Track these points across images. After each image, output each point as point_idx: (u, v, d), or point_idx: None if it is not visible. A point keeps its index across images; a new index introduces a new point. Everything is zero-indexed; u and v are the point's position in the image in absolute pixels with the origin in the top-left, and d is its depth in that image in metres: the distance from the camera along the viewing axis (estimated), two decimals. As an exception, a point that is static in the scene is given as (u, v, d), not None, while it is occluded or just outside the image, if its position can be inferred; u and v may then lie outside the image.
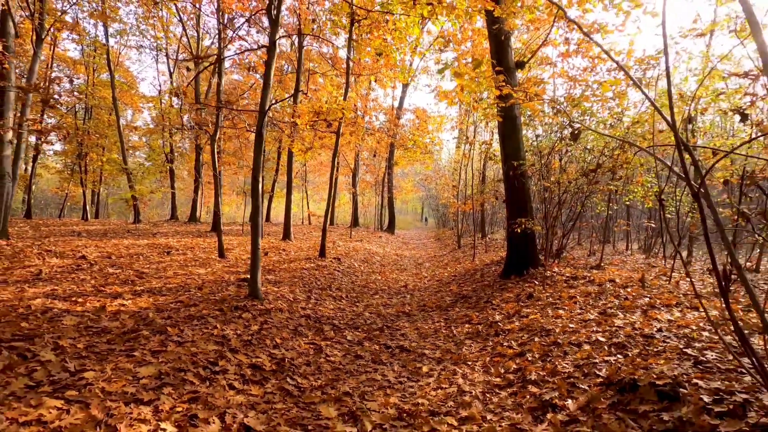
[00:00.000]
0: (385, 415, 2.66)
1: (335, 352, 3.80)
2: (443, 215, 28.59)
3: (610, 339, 3.48)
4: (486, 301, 5.74)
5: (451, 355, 3.89)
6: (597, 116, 7.59)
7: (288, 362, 3.36)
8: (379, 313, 5.53)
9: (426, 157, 19.23)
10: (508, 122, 6.83)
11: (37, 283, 4.93)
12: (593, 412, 2.46)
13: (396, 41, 9.45)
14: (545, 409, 2.63)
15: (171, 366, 2.78)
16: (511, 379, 3.18)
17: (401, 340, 4.37)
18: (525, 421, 2.52)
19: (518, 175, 6.65)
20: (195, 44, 19.55)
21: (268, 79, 4.69)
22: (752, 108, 4.12)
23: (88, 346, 2.92)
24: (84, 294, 4.49)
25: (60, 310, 3.77)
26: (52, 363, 2.53)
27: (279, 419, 2.49)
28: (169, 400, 2.39)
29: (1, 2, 8.01)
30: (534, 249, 7.02)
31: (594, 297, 4.91)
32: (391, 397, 2.93)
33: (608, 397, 2.58)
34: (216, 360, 3.05)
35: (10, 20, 8.38)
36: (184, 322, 3.70)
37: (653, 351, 3.07)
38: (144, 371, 2.62)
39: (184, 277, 5.88)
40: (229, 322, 3.86)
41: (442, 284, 7.82)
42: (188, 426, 2.21)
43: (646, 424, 2.21)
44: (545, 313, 4.59)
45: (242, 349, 3.37)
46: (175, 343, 3.17)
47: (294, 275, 6.66)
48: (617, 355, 3.16)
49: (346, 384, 3.14)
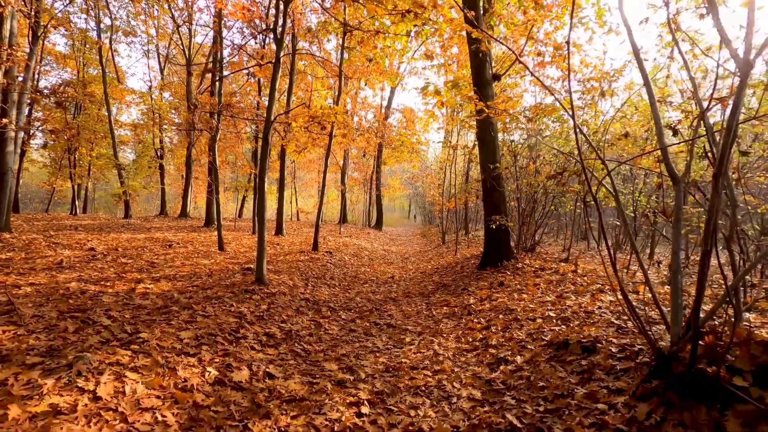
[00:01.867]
0: (375, 369, 3.39)
1: (333, 327, 4.51)
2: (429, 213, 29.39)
3: (560, 315, 4.27)
4: (463, 288, 6.51)
5: (430, 329, 4.64)
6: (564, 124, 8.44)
7: (294, 333, 4.06)
8: (368, 298, 6.25)
9: (413, 157, 19.99)
10: (484, 129, 7.60)
11: (62, 270, 5.51)
12: (534, 364, 3.23)
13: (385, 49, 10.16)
14: (500, 363, 3.39)
15: (203, 332, 3.46)
16: (476, 345, 3.94)
17: (388, 319, 5.10)
18: (483, 372, 3.28)
19: (493, 177, 7.43)
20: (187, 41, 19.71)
21: (273, 92, 5.35)
22: (684, 122, 4.94)
23: (133, 317, 3.57)
24: (109, 279, 5.10)
25: (95, 291, 4.39)
26: (112, 327, 3.19)
27: (293, 370, 3.20)
28: (208, 354, 3.08)
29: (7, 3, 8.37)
30: (508, 243, 7.81)
31: (555, 284, 5.71)
32: (380, 358, 3.67)
33: (547, 353, 3.35)
34: (237, 329, 3.73)
35: (14, 22, 8.78)
36: (205, 301, 4.37)
37: (589, 322, 3.86)
38: (184, 334, 3.30)
39: (191, 266, 6.50)
40: (242, 302, 4.54)
41: (425, 275, 8.58)
42: (225, 371, 2.90)
43: (570, 368, 2.99)
44: (512, 297, 5.37)
45: (256, 322, 4.05)
46: (202, 317, 3.84)
47: (291, 266, 7.34)
48: (562, 325, 3.94)
49: (343, 349, 3.86)
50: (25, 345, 2.69)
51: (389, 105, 24.12)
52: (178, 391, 2.48)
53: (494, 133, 7.66)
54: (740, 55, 2.19)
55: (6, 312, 3.33)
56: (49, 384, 2.23)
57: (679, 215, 2.72)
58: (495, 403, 2.73)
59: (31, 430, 1.88)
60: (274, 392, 2.77)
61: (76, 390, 2.25)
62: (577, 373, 2.91)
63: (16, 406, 2.00)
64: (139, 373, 2.58)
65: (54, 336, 2.91)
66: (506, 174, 8.62)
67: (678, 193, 2.79)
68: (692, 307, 2.30)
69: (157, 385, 2.49)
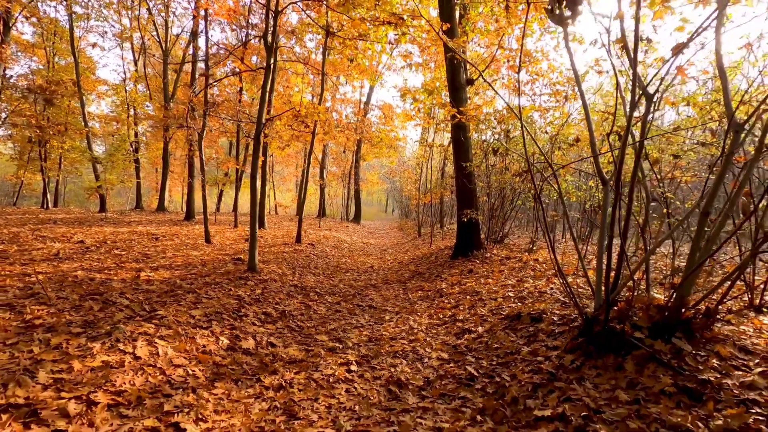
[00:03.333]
0: (360, 339, 3.99)
1: (320, 308, 5.08)
2: (406, 207, 30.10)
3: (517, 294, 4.99)
4: (436, 275, 7.19)
5: (406, 309, 5.28)
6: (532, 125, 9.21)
7: (288, 312, 4.61)
8: (351, 285, 6.84)
9: (391, 152, 20.57)
10: (458, 131, 8.27)
11: (63, 261, 5.83)
12: (492, 332, 3.91)
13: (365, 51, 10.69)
14: (464, 333, 4.06)
15: (210, 310, 3.97)
16: (446, 320, 4.60)
17: (369, 302, 5.71)
18: (450, 340, 3.93)
19: (465, 175, 8.12)
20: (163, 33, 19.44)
21: (264, 95, 5.82)
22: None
23: (146, 299, 4.04)
24: (110, 268, 5.48)
25: (102, 278, 4.80)
26: (132, 305, 3.66)
27: (290, 341, 3.76)
28: (218, 328, 3.61)
29: None
30: (478, 235, 8.54)
31: (517, 270, 6.45)
32: (364, 332, 4.27)
33: (503, 324, 4.04)
34: (239, 309, 4.26)
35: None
36: (205, 286, 4.85)
37: (541, 300, 4.58)
38: (195, 312, 3.80)
39: (183, 257, 6.90)
40: (239, 287, 5.05)
41: (402, 265, 9.24)
42: (235, 341, 3.45)
43: (520, 333, 3.68)
44: (479, 282, 6.07)
45: (254, 304, 4.58)
46: (206, 299, 4.34)
47: (278, 256, 7.83)
48: (518, 302, 4.65)
49: (331, 325, 4.45)
50: (64, 319, 3.14)
51: (368, 101, 24.60)
52: (200, 354, 3.01)
53: (467, 135, 8.34)
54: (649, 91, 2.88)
55: (31, 295, 3.74)
56: (97, 347, 2.73)
57: (605, 211, 3.43)
58: (458, 361, 3.38)
59: (95, 378, 2.39)
60: (277, 356, 3.33)
61: (119, 351, 2.75)
62: (525, 337, 3.60)
63: (77, 361, 2.50)
64: (165, 340, 3.09)
65: (83, 313, 3.37)
66: (477, 172, 9.34)
67: (606, 193, 3.50)
68: (604, 282, 3.01)
69: (182, 349, 3.02)
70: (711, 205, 2.82)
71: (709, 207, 2.81)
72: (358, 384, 2.97)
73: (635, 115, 3.13)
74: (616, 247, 3.28)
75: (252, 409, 2.49)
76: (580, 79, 3.64)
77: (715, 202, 2.92)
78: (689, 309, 2.89)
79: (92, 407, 2.14)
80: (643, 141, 3.02)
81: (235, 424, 2.30)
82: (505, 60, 10.14)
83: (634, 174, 3.10)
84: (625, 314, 3.06)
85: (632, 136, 3.50)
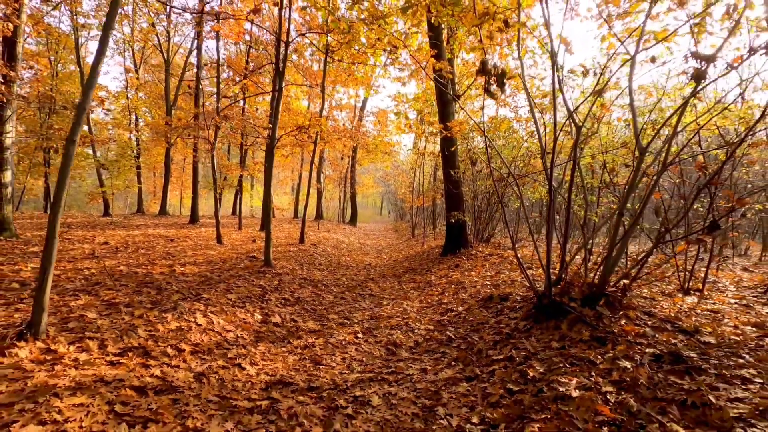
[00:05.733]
0: (363, 317, 4.94)
1: (328, 296, 6.02)
2: (401, 209, 31.08)
3: (494, 283, 5.95)
4: (427, 270, 8.15)
5: (401, 296, 6.23)
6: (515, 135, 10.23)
7: (302, 298, 5.54)
8: (352, 278, 7.78)
9: (386, 158, 21.55)
10: (445, 143, 9.25)
11: (101, 259, 6.70)
12: (469, 310, 4.86)
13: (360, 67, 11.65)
14: (447, 312, 5.02)
15: (242, 295, 4.90)
16: (433, 303, 5.56)
17: (369, 292, 6.66)
18: (436, 317, 4.89)
19: (453, 181, 9.10)
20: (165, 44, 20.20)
21: (276, 113, 6.75)
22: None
23: (188, 286, 4.95)
24: (145, 265, 6.37)
25: (143, 272, 5.69)
26: (181, 290, 4.58)
27: (308, 318, 4.70)
28: (251, 307, 4.53)
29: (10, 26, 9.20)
30: (465, 234, 9.52)
31: (497, 264, 7.43)
32: (366, 313, 5.22)
33: (479, 304, 5.00)
34: (263, 295, 5.18)
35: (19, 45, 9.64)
36: (232, 278, 5.77)
37: (512, 285, 5.54)
38: (230, 296, 4.73)
39: (203, 256, 7.79)
40: (259, 279, 5.97)
41: (397, 262, 10.19)
42: (266, 317, 4.37)
43: (490, 310, 4.64)
44: (463, 274, 7.04)
45: (274, 292, 5.51)
46: (236, 287, 5.26)
47: (285, 255, 8.75)
48: (493, 288, 5.61)
49: (339, 308, 5.38)
50: (136, 299, 4.06)
51: (363, 107, 25.61)
52: (242, 324, 3.94)
53: (454, 146, 9.32)
54: (576, 119, 3.86)
55: (96, 283, 4.64)
56: (169, 317, 3.65)
57: (552, 213, 4.41)
58: (441, 330, 4.34)
59: (175, 336, 3.31)
60: (299, 328, 4.27)
61: (185, 320, 3.67)
62: (493, 312, 4.57)
63: (160, 325, 3.42)
64: (215, 315, 4.01)
65: (145, 295, 4.28)
66: (464, 177, 10.34)
67: (554, 199, 4.48)
68: (547, 269, 3.98)
69: (229, 320, 3.94)
70: (624, 207, 3.81)
71: (622, 209, 3.80)
72: (363, 345, 3.92)
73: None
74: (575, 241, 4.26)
75: (287, 359, 3.42)
76: (534, 109, 4.63)
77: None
78: (610, 286, 3.88)
79: (181, 352, 3.07)
80: (575, 159, 4.01)
81: (278, 367, 3.23)
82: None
83: (571, 185, 4.09)
84: (566, 290, 4.04)
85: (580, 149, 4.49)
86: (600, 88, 3.72)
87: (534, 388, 2.75)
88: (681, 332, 3.25)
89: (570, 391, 2.57)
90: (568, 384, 2.66)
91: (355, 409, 2.65)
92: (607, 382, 2.60)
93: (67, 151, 3.10)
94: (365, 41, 6.21)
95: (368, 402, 2.74)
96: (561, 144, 5.61)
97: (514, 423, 2.43)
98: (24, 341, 2.71)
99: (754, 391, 2.31)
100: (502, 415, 2.52)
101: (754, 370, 2.57)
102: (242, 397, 2.65)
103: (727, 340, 3.04)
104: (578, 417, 2.33)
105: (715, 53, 3.21)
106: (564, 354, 3.12)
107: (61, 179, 3.09)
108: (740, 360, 2.71)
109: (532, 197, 10.90)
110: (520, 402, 2.61)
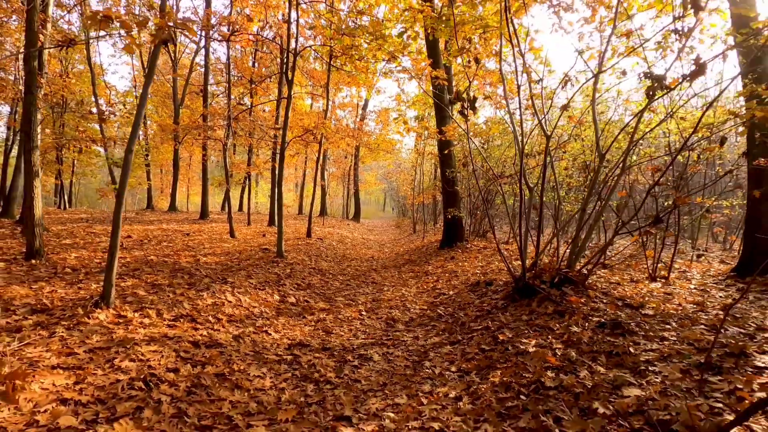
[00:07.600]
0: (366, 299, 5.67)
1: (335, 283, 6.75)
2: (403, 206, 31.77)
3: (483, 271, 6.66)
4: (425, 262, 8.87)
5: (400, 284, 6.96)
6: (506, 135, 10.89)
7: (312, 285, 6.28)
8: (356, 269, 8.52)
9: (388, 156, 22.23)
10: (442, 145, 9.94)
11: (131, 250, 7.44)
12: (459, 294, 5.58)
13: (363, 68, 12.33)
14: (440, 295, 5.74)
15: (261, 281, 5.63)
16: (428, 289, 6.28)
17: (372, 280, 7.39)
18: (429, 299, 5.61)
19: (449, 180, 9.80)
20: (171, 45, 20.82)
21: (287, 121, 7.46)
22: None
23: (214, 272, 5.69)
24: (171, 255, 7.10)
25: (172, 261, 6.43)
26: (209, 275, 5.31)
27: (318, 300, 5.43)
28: (270, 290, 5.27)
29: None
30: (461, 229, 10.23)
31: (489, 256, 8.13)
32: (369, 296, 5.95)
33: (468, 289, 5.72)
34: (278, 281, 5.92)
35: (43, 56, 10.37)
36: (249, 266, 6.50)
37: (498, 273, 6.25)
38: (251, 281, 5.46)
39: (220, 248, 8.53)
40: (274, 267, 6.71)
41: (398, 255, 10.92)
42: (283, 298, 5.11)
43: (476, 293, 5.35)
44: (457, 265, 7.75)
45: (288, 278, 6.25)
46: (254, 273, 6.00)
47: (295, 248, 9.49)
48: (481, 276, 6.32)
49: (345, 293, 6.11)
50: (174, 281, 4.80)
51: (365, 106, 26.28)
52: (265, 302, 4.68)
53: (450, 148, 10.01)
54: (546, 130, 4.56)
55: (135, 269, 5.38)
56: (205, 295, 4.39)
57: (529, 209, 5.11)
58: (433, 309, 5.06)
59: (213, 309, 4.05)
60: (312, 307, 5.00)
61: (218, 298, 4.41)
62: (479, 294, 5.28)
63: (199, 301, 4.16)
64: (241, 294, 4.75)
65: (180, 279, 5.02)
66: (461, 177, 11.03)
67: (531, 197, 5.18)
68: (521, 257, 4.69)
69: (253, 299, 4.68)
70: (586, 205, 4.50)
71: (585, 205, 4.50)
72: (367, 320, 4.65)
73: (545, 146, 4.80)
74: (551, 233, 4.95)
75: (304, 329, 4.15)
76: (515, 122, 5.32)
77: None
78: (575, 271, 4.58)
79: (219, 320, 3.80)
80: (545, 164, 4.71)
81: (297, 334, 3.97)
82: (481, 79, 11.83)
83: (543, 185, 4.79)
84: (539, 275, 4.75)
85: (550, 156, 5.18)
86: (565, 104, 4.42)
87: (502, 347, 3.46)
88: (628, 307, 3.95)
89: (528, 348, 3.29)
90: (528, 344, 3.38)
91: (360, 362, 3.38)
92: (558, 342, 3.31)
93: (126, 159, 3.82)
94: (365, 54, 6.89)
95: (370, 358, 3.47)
96: (541, 148, 6.28)
97: (483, 371, 3.15)
98: (99, 309, 3.45)
99: (666, 345, 3.02)
100: (475, 365, 3.24)
101: (675, 333, 3.27)
102: (271, 353, 3.38)
103: (664, 313, 3.75)
104: (531, 365, 3.04)
105: (664, 74, 3.89)
106: (530, 324, 3.83)
107: (122, 182, 3.81)
108: (667, 326, 3.42)
109: (525, 194, 11.56)
110: (490, 357, 3.33)
